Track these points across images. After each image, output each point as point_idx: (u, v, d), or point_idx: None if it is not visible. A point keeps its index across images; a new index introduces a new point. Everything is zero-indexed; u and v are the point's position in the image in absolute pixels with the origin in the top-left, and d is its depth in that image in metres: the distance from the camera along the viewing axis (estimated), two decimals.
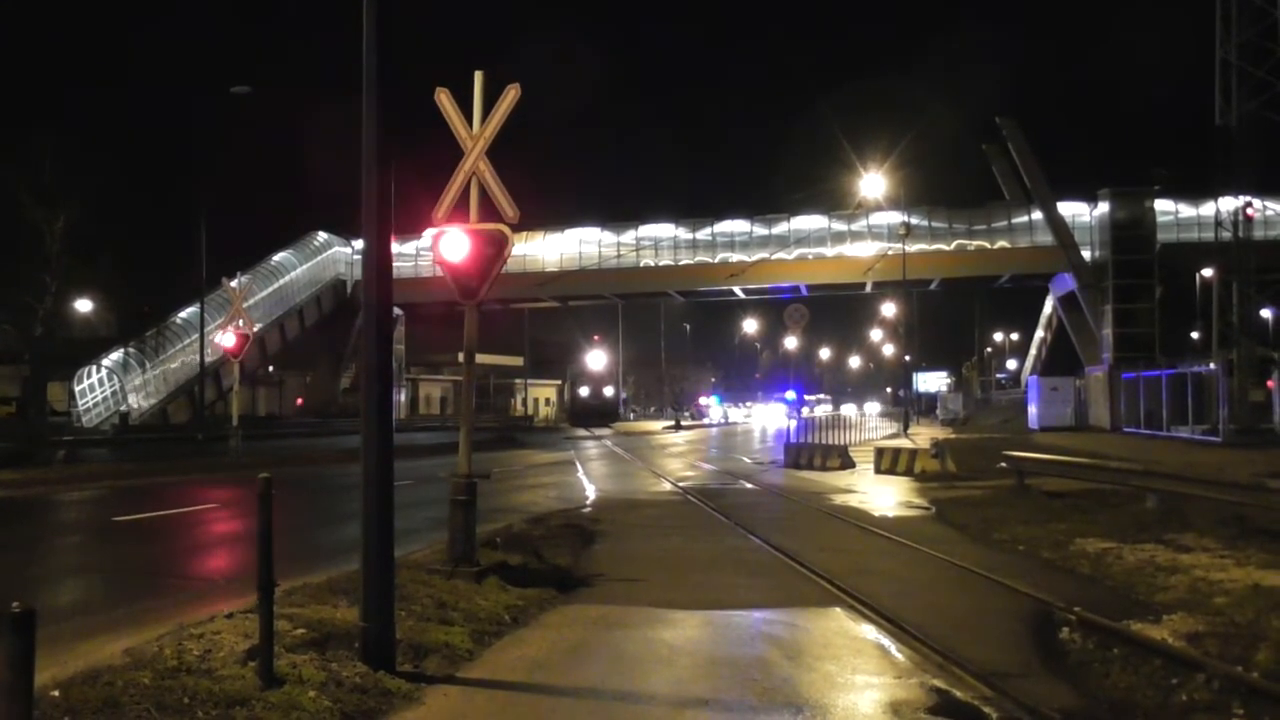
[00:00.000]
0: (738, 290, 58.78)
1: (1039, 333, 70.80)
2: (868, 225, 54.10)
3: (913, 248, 47.22)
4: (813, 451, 25.55)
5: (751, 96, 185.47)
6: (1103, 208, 49.40)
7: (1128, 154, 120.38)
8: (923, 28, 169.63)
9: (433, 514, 13.11)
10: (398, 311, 50.32)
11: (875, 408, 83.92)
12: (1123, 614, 7.79)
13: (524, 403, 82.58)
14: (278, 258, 54.81)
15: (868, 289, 58.92)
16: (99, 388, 45.21)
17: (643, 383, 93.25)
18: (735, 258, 55.04)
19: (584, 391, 78.71)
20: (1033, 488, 16.61)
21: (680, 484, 20.92)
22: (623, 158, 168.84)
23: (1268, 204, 44.62)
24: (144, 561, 11.34)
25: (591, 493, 19.34)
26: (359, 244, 7.04)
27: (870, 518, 14.89)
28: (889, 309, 71.41)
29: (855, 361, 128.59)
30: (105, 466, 24.19)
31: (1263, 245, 38.35)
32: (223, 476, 22.15)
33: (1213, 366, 32.40)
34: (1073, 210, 50.86)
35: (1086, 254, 49.81)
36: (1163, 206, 49.25)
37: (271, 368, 60.37)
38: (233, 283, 32.85)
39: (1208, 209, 43.69)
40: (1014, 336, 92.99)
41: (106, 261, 37.90)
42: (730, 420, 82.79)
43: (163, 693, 5.21)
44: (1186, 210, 49.80)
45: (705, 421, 78.11)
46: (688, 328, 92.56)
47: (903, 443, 30.00)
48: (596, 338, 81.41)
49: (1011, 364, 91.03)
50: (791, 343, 58.10)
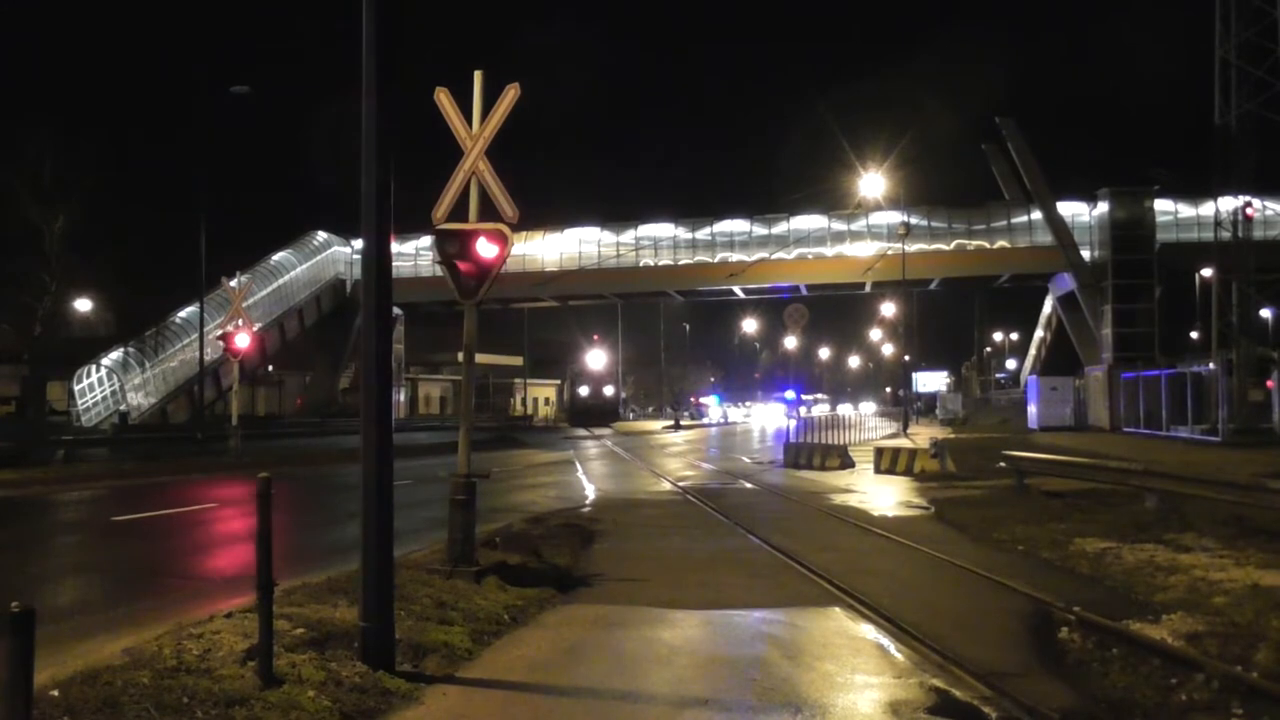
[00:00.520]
0: (737, 290, 58.76)
1: (1038, 333, 70.71)
2: (867, 225, 54.09)
3: (912, 248, 47.17)
4: (812, 451, 25.54)
5: (751, 96, 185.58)
6: (1102, 207, 49.43)
7: (1127, 154, 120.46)
8: (923, 27, 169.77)
9: (432, 514, 13.10)
10: (398, 311, 50.32)
11: (872, 407, 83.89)
12: (1122, 614, 7.78)
13: (523, 402, 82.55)
14: (277, 257, 54.74)
15: (867, 289, 58.90)
16: (98, 387, 45.11)
17: (642, 382, 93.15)
18: (735, 257, 55.00)
19: (583, 391, 78.75)
20: (1032, 487, 16.58)
21: (680, 483, 20.92)
22: (623, 158, 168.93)
23: (1267, 203, 44.55)
24: (143, 561, 11.34)
25: (591, 492, 19.36)
26: (358, 243, 7.04)
27: (870, 517, 14.89)
28: (888, 309, 71.31)
29: (855, 361, 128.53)
30: (104, 466, 24.21)
31: (1262, 245, 38.28)
32: (222, 476, 22.17)
33: (1212, 366, 32.34)
34: (1072, 210, 50.86)
35: (1086, 254, 49.81)
36: (1162, 206, 49.28)
37: (271, 367, 60.29)
38: (232, 282, 32.83)
39: (1207, 209, 43.64)
40: (1013, 336, 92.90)
41: (105, 261, 37.93)
42: (730, 420, 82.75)
43: (162, 692, 5.21)
44: (1186, 210, 49.80)
45: (705, 421, 78.08)
46: (687, 327, 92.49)
47: (902, 442, 30.00)
48: (596, 337, 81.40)
49: (1011, 364, 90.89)
50: (791, 342, 58.21)
